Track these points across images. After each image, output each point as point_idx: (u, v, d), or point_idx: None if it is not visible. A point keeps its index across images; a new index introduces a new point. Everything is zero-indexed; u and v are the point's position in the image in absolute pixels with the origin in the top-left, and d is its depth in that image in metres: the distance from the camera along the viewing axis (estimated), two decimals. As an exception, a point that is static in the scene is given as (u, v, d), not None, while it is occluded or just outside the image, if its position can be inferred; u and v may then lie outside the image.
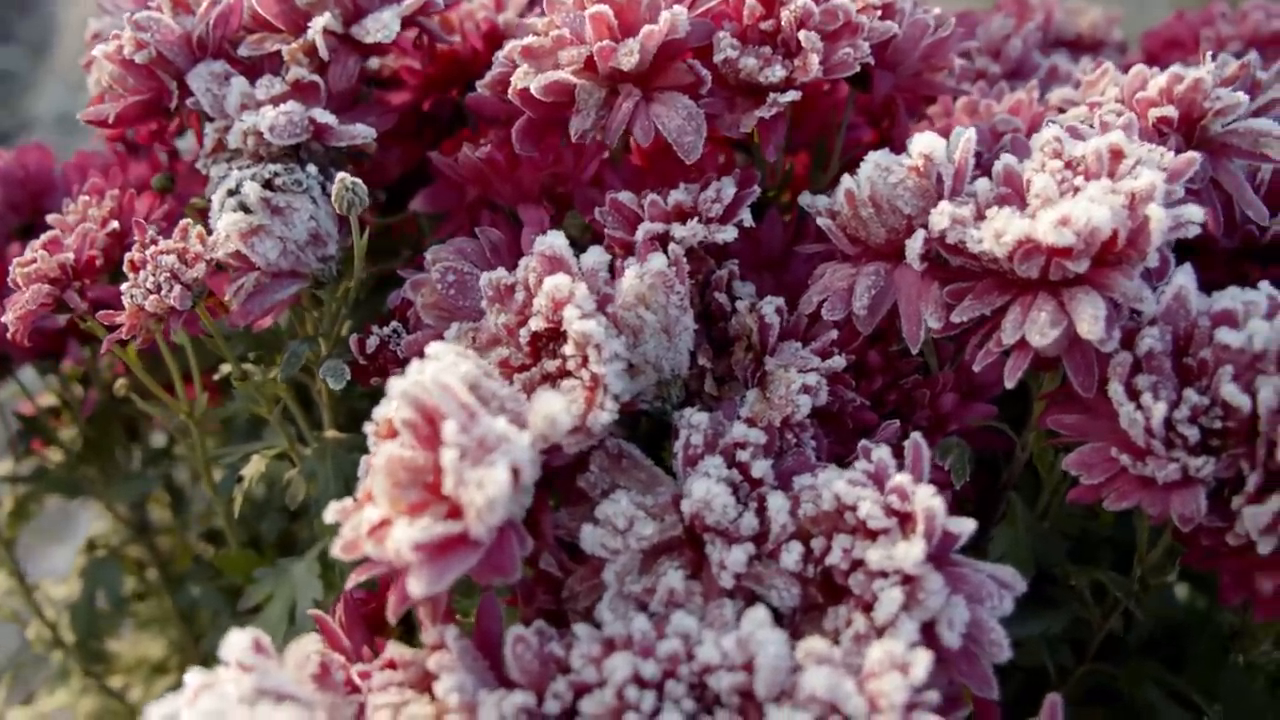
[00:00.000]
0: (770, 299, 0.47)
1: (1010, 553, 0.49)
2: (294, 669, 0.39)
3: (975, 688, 0.40)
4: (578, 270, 0.44)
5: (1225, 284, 0.45)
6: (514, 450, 0.36)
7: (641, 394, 0.46)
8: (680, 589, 0.40)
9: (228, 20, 0.49)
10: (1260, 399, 0.41)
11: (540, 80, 0.46)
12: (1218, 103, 0.51)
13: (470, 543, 0.37)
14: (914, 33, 0.52)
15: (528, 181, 0.51)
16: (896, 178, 0.45)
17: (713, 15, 0.50)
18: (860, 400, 0.48)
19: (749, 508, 0.42)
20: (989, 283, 0.44)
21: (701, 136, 0.47)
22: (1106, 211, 0.41)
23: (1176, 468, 0.41)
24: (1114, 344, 0.42)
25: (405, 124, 0.63)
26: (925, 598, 0.39)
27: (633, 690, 0.36)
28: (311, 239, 0.48)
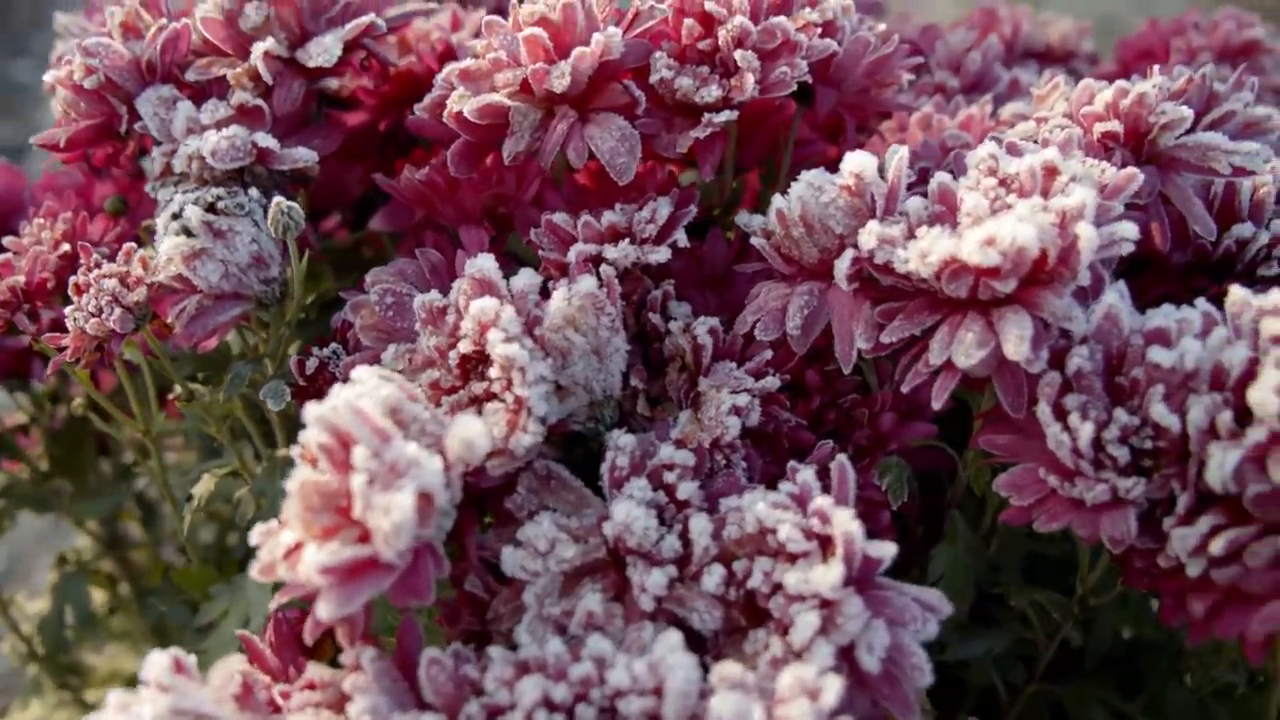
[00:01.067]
0: (704, 319, 0.47)
1: (949, 572, 0.48)
2: (216, 689, 0.39)
3: (898, 712, 0.39)
4: (507, 293, 0.45)
5: (1179, 299, 0.44)
6: (424, 475, 0.37)
7: (573, 415, 0.46)
8: (599, 611, 0.40)
9: (176, 45, 0.50)
10: (1190, 419, 0.40)
11: (474, 103, 0.47)
12: (1163, 117, 0.50)
13: (381, 566, 0.37)
14: (856, 50, 0.52)
15: (469, 203, 0.51)
16: (829, 197, 0.45)
17: (651, 36, 0.50)
18: (795, 420, 0.48)
19: (673, 530, 0.42)
20: (920, 302, 0.44)
21: (635, 158, 0.47)
22: (1033, 230, 0.40)
23: (1105, 489, 0.41)
24: (1041, 364, 0.41)
25: (367, 144, 0.64)
26: (843, 622, 0.38)
27: (542, 714, 0.36)
28: (254, 261, 0.48)
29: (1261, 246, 0.53)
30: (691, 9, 0.49)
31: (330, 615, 0.36)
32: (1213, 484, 0.39)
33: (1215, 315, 0.44)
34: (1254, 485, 0.38)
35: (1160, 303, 0.44)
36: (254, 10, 0.49)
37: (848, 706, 0.39)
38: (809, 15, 0.50)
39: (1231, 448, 0.39)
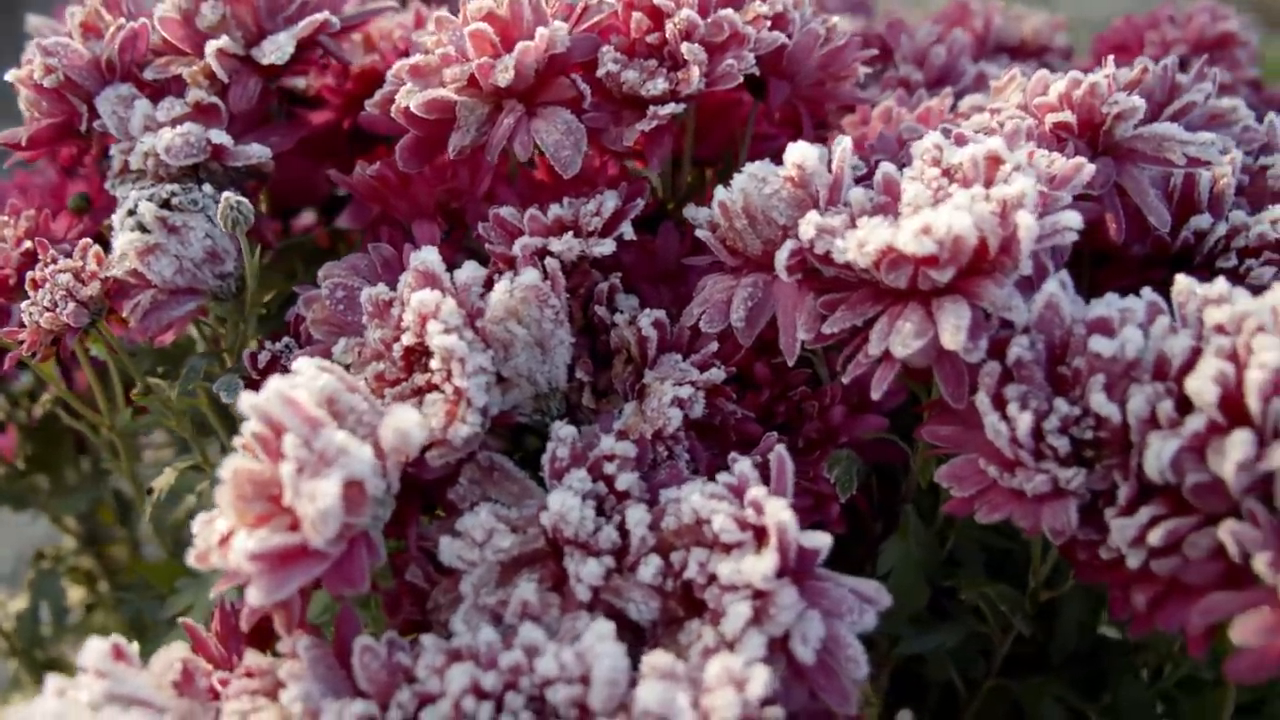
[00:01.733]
0: (649, 312, 0.47)
1: (899, 567, 0.48)
2: (156, 675, 0.40)
3: (834, 703, 0.39)
4: (450, 285, 0.45)
5: (1138, 292, 0.44)
6: (352, 463, 0.37)
7: (519, 407, 0.46)
8: (534, 601, 0.40)
9: (135, 44, 0.51)
10: (1131, 409, 0.40)
11: (420, 98, 0.47)
12: (1115, 107, 0.50)
13: (312, 553, 0.37)
14: (807, 43, 0.51)
15: (423, 198, 0.52)
16: (772, 188, 0.45)
17: (601, 30, 0.50)
18: (742, 413, 0.48)
19: (612, 521, 0.42)
20: (863, 293, 0.44)
21: (580, 151, 0.47)
22: (969, 219, 0.40)
23: (1046, 479, 0.40)
24: (980, 354, 0.41)
25: (335, 142, 0.64)
26: (776, 612, 0.38)
27: (470, 701, 0.36)
28: (208, 257, 0.49)
29: (1219, 238, 0.53)
30: (640, 3, 0.49)
31: (261, 602, 0.36)
32: (1150, 474, 0.39)
33: (1161, 305, 0.43)
34: (1192, 475, 0.38)
35: (1122, 295, 0.44)
36: (210, 9, 0.50)
37: (784, 698, 0.39)
38: (759, 8, 0.50)
39: (1170, 437, 0.38)
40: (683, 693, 0.36)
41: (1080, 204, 0.50)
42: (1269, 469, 0.37)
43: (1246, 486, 0.38)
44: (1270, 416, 0.37)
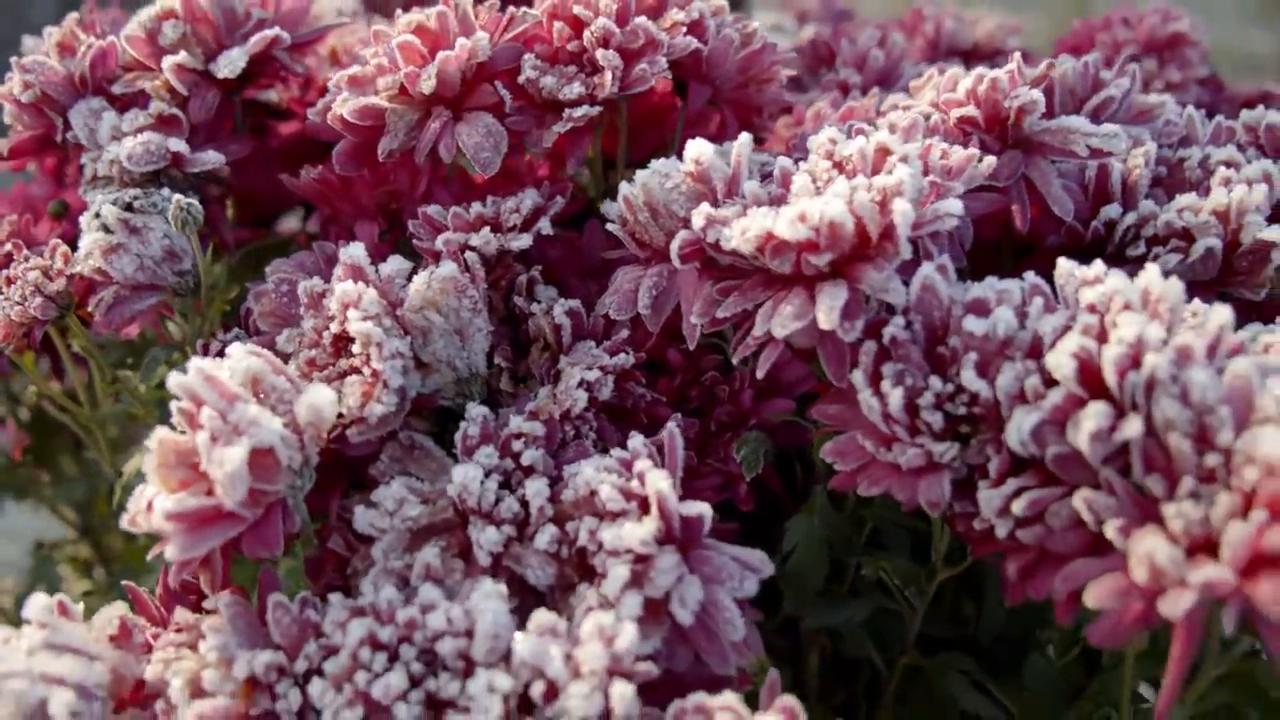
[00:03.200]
0: (563, 302, 0.50)
1: (803, 542, 0.50)
2: (96, 630, 0.44)
3: (714, 664, 0.42)
4: (375, 277, 0.49)
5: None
6: (261, 433, 0.40)
7: (441, 391, 0.50)
8: (436, 564, 0.43)
9: (105, 61, 0.55)
10: (1000, 385, 0.42)
11: (352, 105, 0.51)
12: (1016, 100, 0.52)
13: (226, 515, 0.41)
14: (722, 47, 0.54)
15: (364, 199, 0.56)
16: (673, 183, 0.48)
17: (527, 39, 0.54)
18: (652, 396, 0.50)
19: (515, 493, 0.45)
20: (755, 280, 0.46)
21: (499, 153, 0.50)
22: (842, 205, 0.43)
23: (920, 453, 0.42)
24: (855, 333, 0.43)
25: (311, 150, 0.69)
26: (656, 576, 0.41)
27: (366, 652, 0.40)
28: (167, 255, 0.53)
29: (1128, 227, 0.54)
30: (562, 13, 0.53)
31: (177, 557, 0.40)
32: (1013, 445, 0.40)
33: (1042, 288, 0.45)
34: (1053, 447, 0.40)
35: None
36: (170, 28, 0.54)
37: (670, 659, 0.42)
38: (676, 16, 0.54)
39: (1032, 411, 0.40)
40: (556, 645, 0.38)
41: (986, 195, 0.53)
42: (1124, 439, 0.38)
43: (1104, 457, 0.39)
44: (1127, 390, 0.39)
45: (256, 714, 0.40)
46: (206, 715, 0.39)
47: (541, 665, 0.38)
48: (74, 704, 0.38)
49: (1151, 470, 0.38)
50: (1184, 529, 0.37)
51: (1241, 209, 0.52)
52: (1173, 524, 0.37)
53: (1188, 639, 0.37)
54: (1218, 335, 0.41)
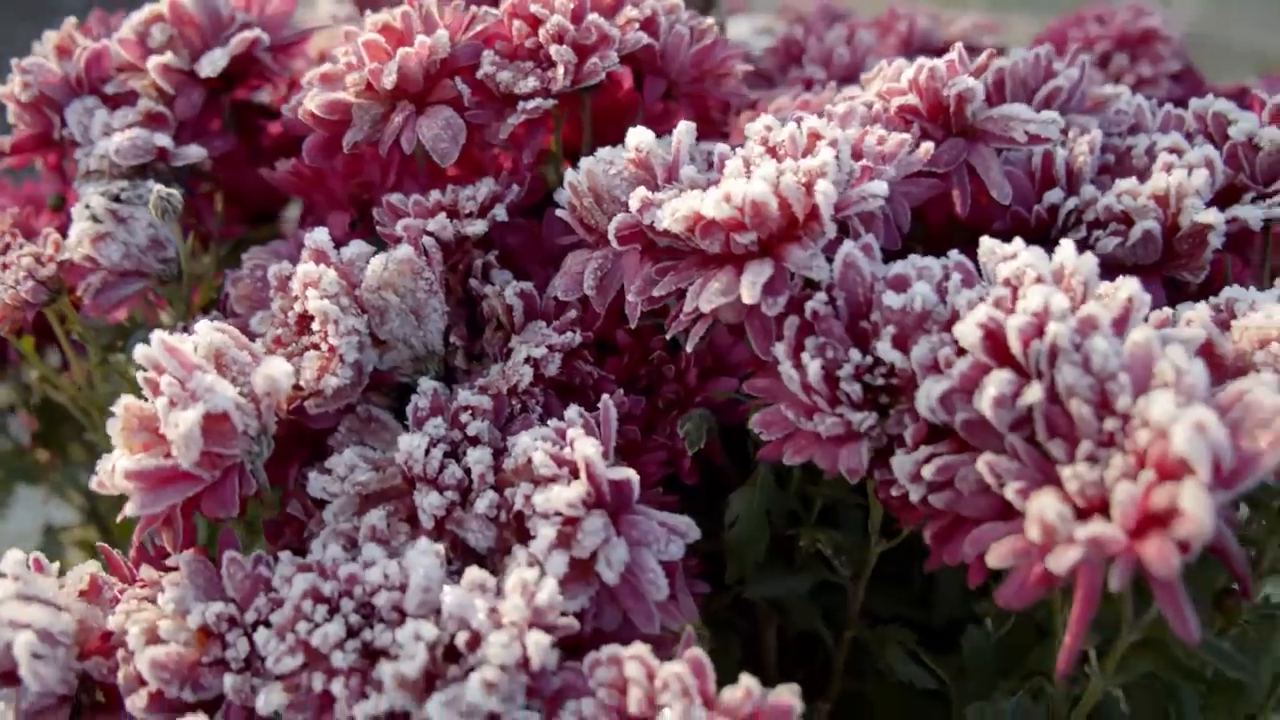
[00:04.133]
0: (516, 284, 0.53)
1: (743, 515, 0.52)
2: (68, 584, 0.47)
3: (640, 623, 0.44)
4: (337, 260, 0.52)
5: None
6: (215, 399, 0.43)
7: (399, 368, 0.52)
8: (381, 526, 0.46)
9: (99, 62, 0.59)
10: (914, 356, 0.43)
11: (319, 99, 0.54)
12: (954, 88, 0.53)
13: (183, 475, 0.44)
14: (675, 43, 0.57)
15: (337, 190, 0.59)
16: (616, 169, 0.50)
17: (488, 36, 0.56)
18: (599, 374, 0.52)
19: (461, 462, 0.47)
20: (690, 260, 0.48)
21: (457, 144, 0.53)
22: (764, 186, 0.45)
23: (839, 422, 0.44)
24: (778, 308, 0.45)
25: (298, 147, 0.72)
26: (583, 537, 0.43)
27: (308, 604, 0.42)
28: (152, 244, 0.57)
29: (1070, 211, 0.55)
30: (520, 11, 0.56)
31: (135, 512, 0.43)
32: (922, 413, 0.42)
33: (966, 265, 0.47)
34: (961, 413, 0.41)
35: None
36: (159, 30, 0.58)
37: (599, 618, 0.44)
38: (629, 13, 0.56)
39: (941, 379, 0.42)
40: (481, 599, 0.41)
41: (926, 180, 0.54)
42: (1027, 405, 0.40)
43: (1011, 423, 0.41)
44: (1031, 358, 0.40)
45: (208, 661, 0.43)
46: (159, 661, 0.41)
47: (466, 616, 0.40)
48: (36, 646, 0.41)
49: (1054, 435, 0.40)
50: (1079, 490, 0.38)
51: (1180, 193, 0.53)
52: (1069, 485, 0.38)
53: (1086, 598, 0.38)
54: (1127, 306, 0.42)
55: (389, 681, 0.39)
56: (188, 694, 0.42)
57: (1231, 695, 0.48)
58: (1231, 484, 0.37)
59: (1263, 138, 0.56)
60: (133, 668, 0.42)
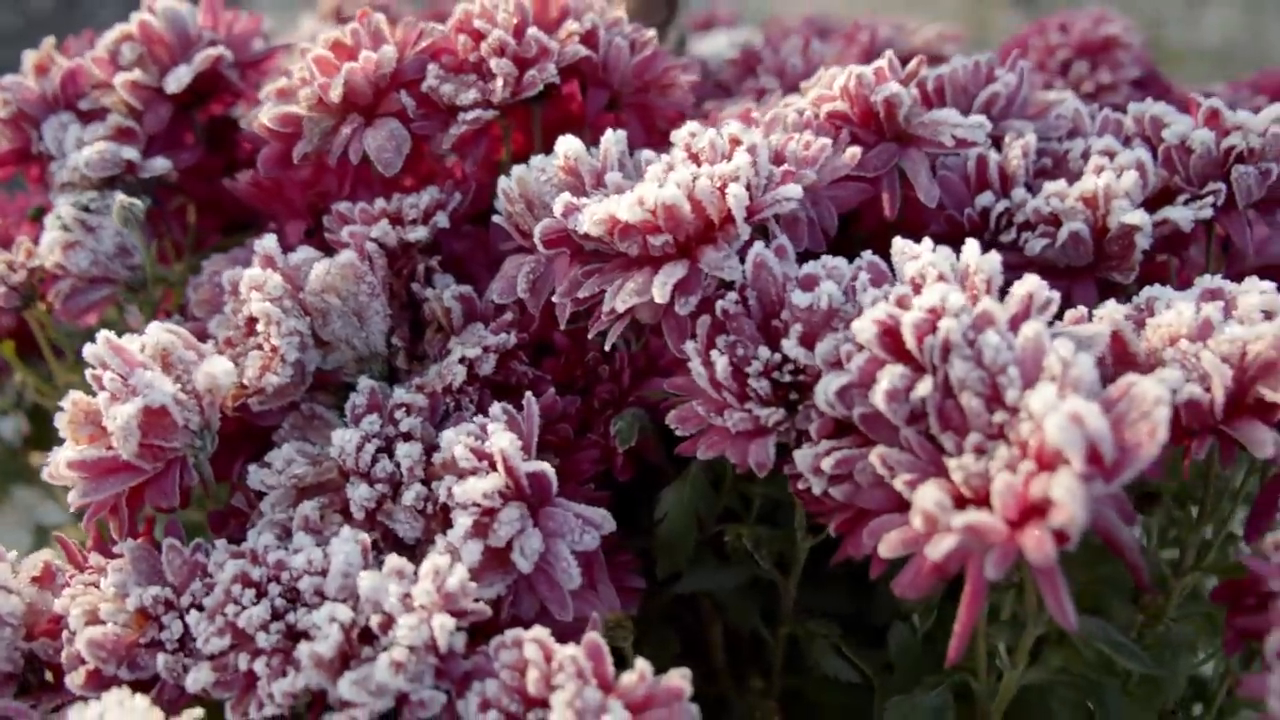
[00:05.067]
0: (453, 287, 0.55)
1: (673, 511, 0.53)
2: (23, 570, 0.49)
3: (555, 610, 0.45)
4: (284, 265, 0.54)
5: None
6: (153, 394, 0.46)
7: (343, 368, 0.55)
8: (314, 516, 0.48)
9: (74, 80, 0.63)
10: (818, 352, 0.45)
11: (273, 112, 0.57)
12: (879, 95, 0.55)
13: (124, 466, 0.46)
14: (614, 55, 0.59)
15: (296, 199, 0.61)
16: (547, 176, 0.52)
17: (435, 51, 0.59)
18: (534, 374, 0.54)
19: (392, 456, 0.49)
20: (616, 263, 0.50)
21: (400, 154, 0.56)
22: (675, 190, 0.46)
23: (747, 418, 0.46)
24: (690, 307, 0.47)
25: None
26: (498, 527, 0.45)
27: (237, 588, 0.44)
28: (119, 251, 0.60)
29: (1000, 214, 0.56)
30: (465, 27, 0.58)
31: (77, 500, 0.45)
32: (821, 407, 0.43)
33: (878, 265, 0.48)
34: (858, 407, 0.42)
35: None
36: (129, 49, 0.62)
37: (518, 606, 0.46)
38: (571, 27, 0.58)
39: (840, 374, 0.43)
40: (395, 584, 0.42)
41: (855, 184, 0.56)
42: (920, 398, 0.41)
43: (908, 417, 0.42)
44: (925, 352, 0.41)
45: (145, 642, 0.45)
46: (96, 640, 0.44)
47: (380, 600, 0.42)
48: (-19, 625, 0.44)
49: (946, 428, 0.41)
50: (965, 480, 0.39)
51: (1109, 194, 0.54)
52: (956, 476, 0.39)
53: (974, 588, 0.39)
54: (1026, 303, 0.43)
55: (306, 661, 0.41)
56: (124, 673, 0.44)
57: (1149, 690, 0.48)
58: (1114, 475, 0.38)
59: (1195, 140, 0.56)
60: (74, 647, 0.45)
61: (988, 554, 0.37)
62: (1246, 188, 0.56)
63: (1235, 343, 0.45)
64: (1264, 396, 0.44)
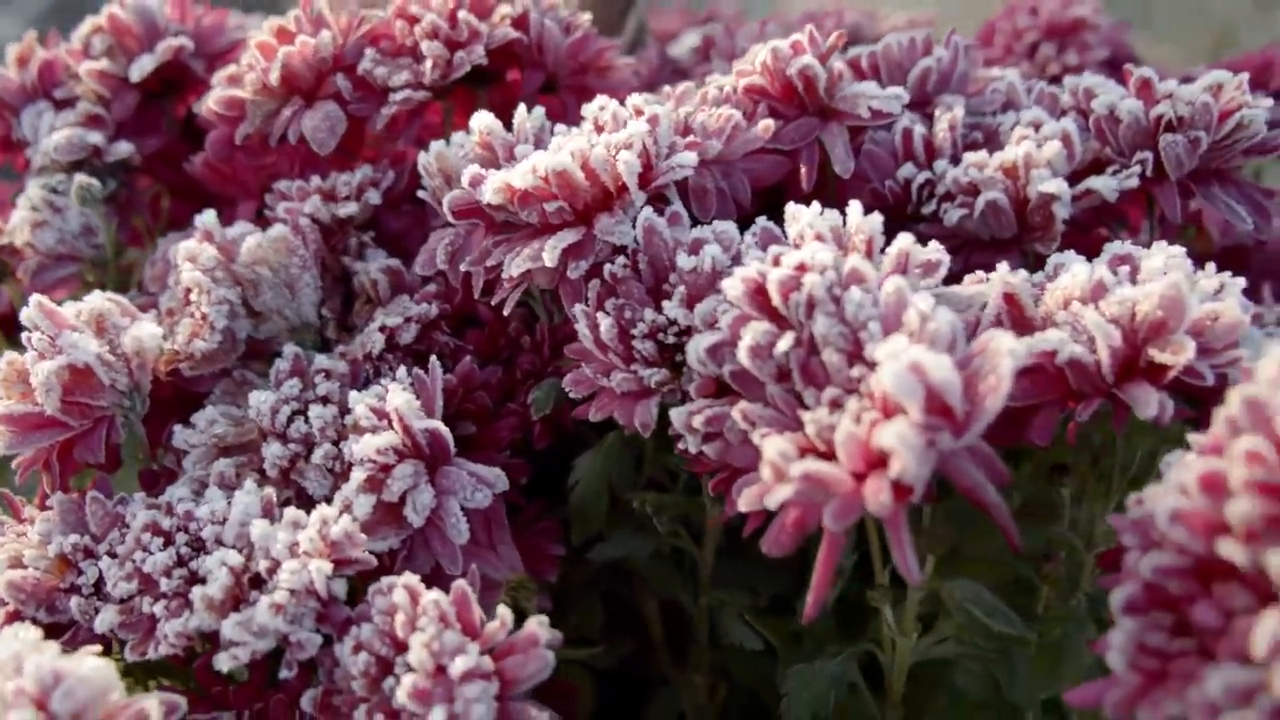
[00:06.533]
0: (380, 260, 0.57)
1: (584, 479, 0.54)
2: (-30, 528, 0.53)
3: (446, 564, 0.47)
4: (222, 239, 0.57)
5: None
6: (77, 353, 0.49)
7: (276, 337, 0.57)
8: (230, 473, 0.50)
9: (51, 71, 0.67)
10: (697, 313, 0.45)
11: (218, 96, 0.60)
12: (794, 66, 0.55)
13: (52, 421, 0.49)
14: (547, 37, 0.60)
15: (248, 180, 0.64)
16: (464, 151, 0.54)
17: (375, 36, 0.61)
18: (456, 343, 0.56)
19: (307, 419, 0.51)
20: (523, 232, 0.52)
21: (334, 135, 0.58)
22: (566, 157, 0.48)
23: (632, 379, 0.46)
24: (580, 271, 0.48)
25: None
26: (391, 482, 0.46)
27: (147, 536, 0.47)
28: (84, 231, 0.63)
29: (921, 185, 0.56)
30: (403, 12, 0.60)
31: (4, 451, 0.48)
32: (694, 365, 0.44)
33: (771, 230, 0.48)
34: (728, 365, 0.43)
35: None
36: (99, 40, 0.65)
37: (410, 561, 0.47)
38: (504, 10, 0.60)
39: (711, 332, 0.44)
40: (285, 532, 0.44)
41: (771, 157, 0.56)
42: (782, 352, 0.41)
43: (774, 374, 0.42)
44: (791, 308, 0.42)
45: (64, 587, 0.48)
46: (14, 583, 0.47)
47: (268, 547, 0.44)
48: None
49: (809, 384, 0.41)
50: (817, 433, 0.39)
51: (1029, 163, 0.54)
52: (809, 429, 0.40)
53: (829, 541, 0.39)
54: (901, 261, 0.43)
55: (198, 603, 0.44)
56: (42, 615, 0.47)
57: (1052, 661, 0.47)
58: (965, 428, 0.38)
59: (1122, 109, 0.55)
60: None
61: (828, 504, 0.37)
62: (1175, 156, 0.55)
63: (1125, 303, 0.44)
64: (1154, 358, 0.43)
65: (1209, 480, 0.34)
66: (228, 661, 0.42)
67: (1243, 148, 0.56)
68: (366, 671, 0.41)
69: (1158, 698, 0.35)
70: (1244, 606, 0.34)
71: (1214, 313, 0.43)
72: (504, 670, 0.40)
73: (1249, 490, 0.33)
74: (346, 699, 0.42)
